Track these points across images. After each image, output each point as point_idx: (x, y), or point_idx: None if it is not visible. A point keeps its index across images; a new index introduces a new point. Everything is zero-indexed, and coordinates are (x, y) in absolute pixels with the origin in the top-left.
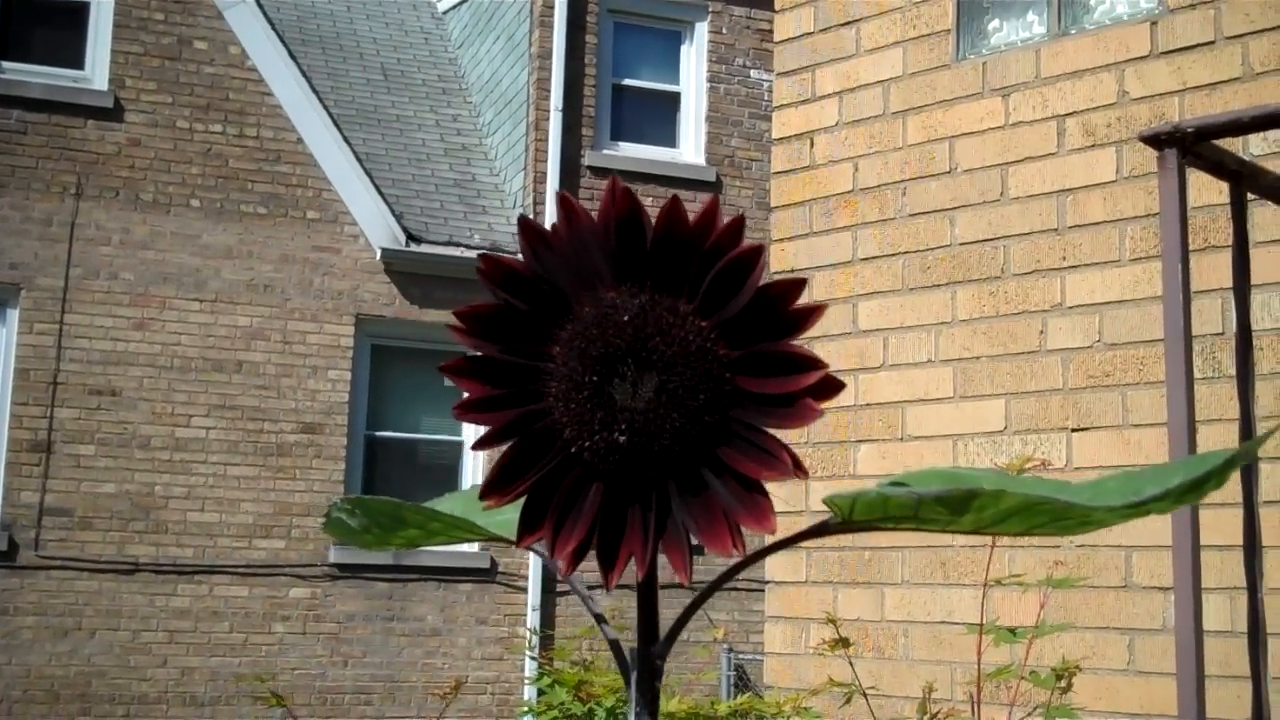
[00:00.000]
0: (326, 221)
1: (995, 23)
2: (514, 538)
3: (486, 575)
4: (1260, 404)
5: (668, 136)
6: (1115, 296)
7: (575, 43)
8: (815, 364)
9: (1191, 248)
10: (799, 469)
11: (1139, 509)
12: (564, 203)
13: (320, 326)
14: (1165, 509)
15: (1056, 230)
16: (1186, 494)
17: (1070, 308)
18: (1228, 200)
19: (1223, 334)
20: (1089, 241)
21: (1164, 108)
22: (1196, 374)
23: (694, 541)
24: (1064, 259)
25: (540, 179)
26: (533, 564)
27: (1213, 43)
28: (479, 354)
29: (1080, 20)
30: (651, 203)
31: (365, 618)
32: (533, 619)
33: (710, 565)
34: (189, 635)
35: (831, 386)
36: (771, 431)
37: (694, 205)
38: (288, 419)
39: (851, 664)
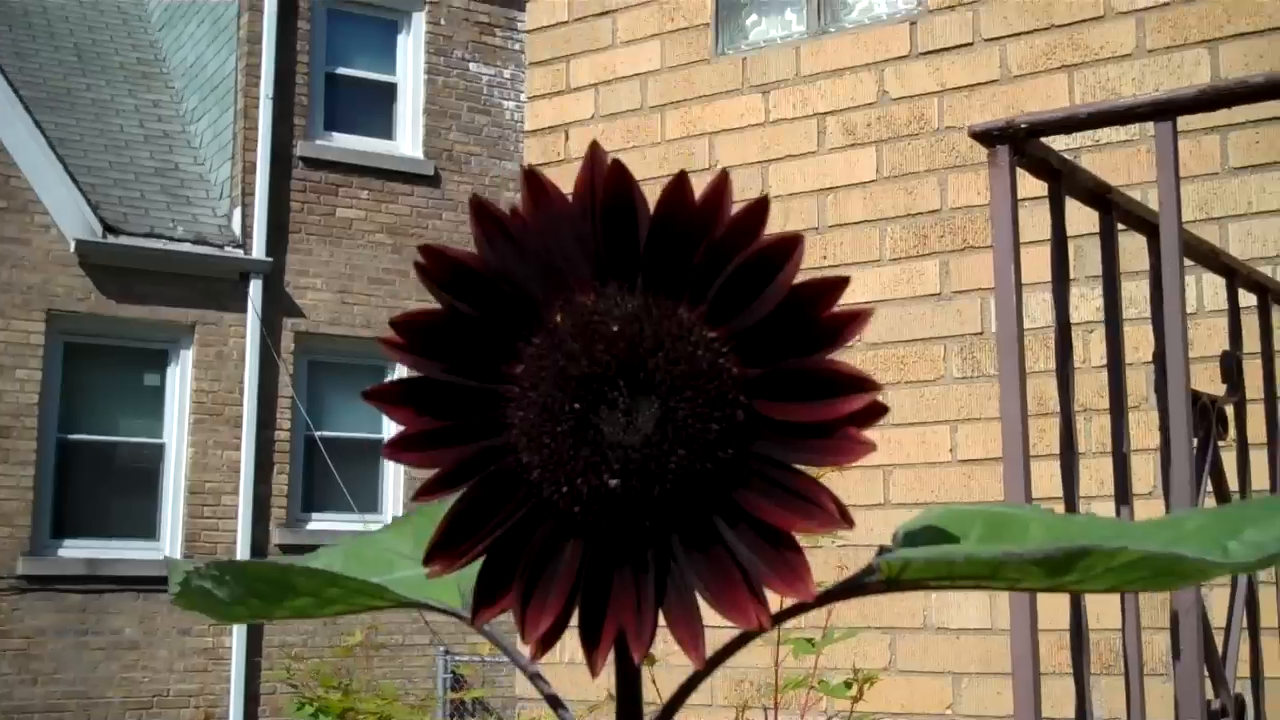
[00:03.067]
0: (15, 211)
1: (754, 18)
2: (436, 601)
3: None
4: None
5: (384, 128)
6: (875, 296)
7: (287, 28)
8: (861, 384)
9: (953, 248)
10: (844, 518)
11: (1266, 563)
12: (531, 180)
13: (8, 323)
14: None
15: (817, 229)
16: None
17: None
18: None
19: (981, 334)
20: (850, 241)
21: (923, 108)
22: (956, 373)
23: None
24: (825, 258)
25: (250, 169)
26: None
27: (971, 44)
28: (418, 375)
29: (840, 19)
30: (368, 195)
31: (57, 631)
32: (239, 629)
33: None
34: None
35: (877, 412)
36: (804, 470)
37: (412, 199)
38: None
39: (654, 677)
